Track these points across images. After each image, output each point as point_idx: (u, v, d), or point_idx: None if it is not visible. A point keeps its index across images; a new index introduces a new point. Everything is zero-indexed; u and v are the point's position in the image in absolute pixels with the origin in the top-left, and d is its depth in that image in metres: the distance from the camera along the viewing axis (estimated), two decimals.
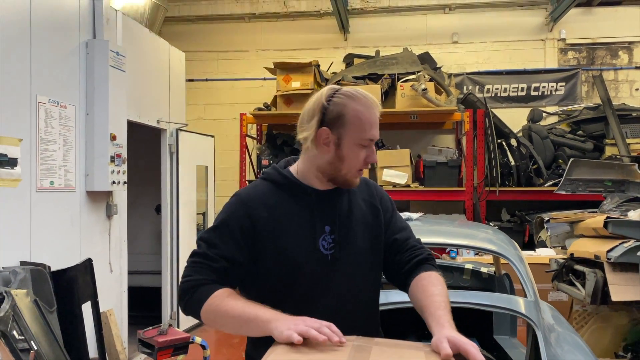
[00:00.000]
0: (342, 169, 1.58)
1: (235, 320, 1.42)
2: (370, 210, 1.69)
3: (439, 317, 1.37)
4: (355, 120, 1.54)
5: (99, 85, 4.06)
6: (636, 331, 4.39)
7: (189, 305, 1.52)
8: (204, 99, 7.99)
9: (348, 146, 1.56)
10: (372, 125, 1.55)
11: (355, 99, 1.56)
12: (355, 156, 1.56)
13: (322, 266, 1.58)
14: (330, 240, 1.60)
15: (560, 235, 4.98)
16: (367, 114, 1.55)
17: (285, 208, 1.61)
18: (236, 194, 1.67)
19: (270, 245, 1.57)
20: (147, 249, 6.19)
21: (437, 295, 1.46)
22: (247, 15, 8.00)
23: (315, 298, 1.57)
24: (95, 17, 4.17)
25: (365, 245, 1.64)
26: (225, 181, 7.34)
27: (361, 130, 1.54)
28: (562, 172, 6.56)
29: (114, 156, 4.15)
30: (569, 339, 2.78)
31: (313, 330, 1.27)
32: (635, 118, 7.04)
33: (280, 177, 1.67)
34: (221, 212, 1.64)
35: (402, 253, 1.67)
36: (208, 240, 1.58)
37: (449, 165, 6.61)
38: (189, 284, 1.52)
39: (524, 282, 2.84)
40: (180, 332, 4.41)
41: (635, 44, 7.46)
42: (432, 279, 1.55)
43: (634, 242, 3.79)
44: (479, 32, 7.64)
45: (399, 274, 1.67)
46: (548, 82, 7.53)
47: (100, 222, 4.23)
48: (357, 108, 1.55)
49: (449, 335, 1.26)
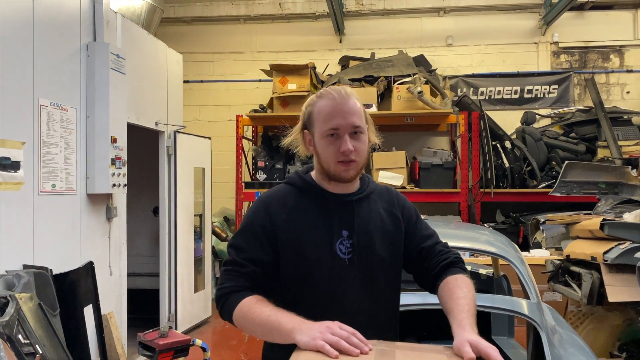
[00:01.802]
0: (323, 164, 1.62)
1: (261, 327, 1.46)
2: (390, 219, 1.72)
3: (461, 320, 1.40)
4: (319, 115, 1.60)
5: (99, 87, 4.05)
6: (630, 331, 4.46)
7: (223, 313, 1.59)
8: (199, 100, 7.99)
9: (318, 141, 1.62)
10: (333, 115, 1.57)
11: (323, 96, 1.63)
12: (325, 149, 1.59)
13: (339, 270, 1.61)
14: (348, 245, 1.63)
15: (556, 237, 5.04)
16: (329, 106, 1.59)
17: (304, 211, 1.65)
18: (258, 198, 1.73)
19: (287, 247, 1.62)
20: (144, 251, 6.18)
21: (462, 298, 1.49)
22: (242, 16, 8.00)
23: (333, 301, 1.60)
24: (96, 19, 4.17)
25: (384, 251, 1.67)
26: (220, 182, 7.35)
27: (323, 122, 1.59)
28: (556, 174, 6.66)
29: (115, 159, 4.15)
30: (570, 339, 2.83)
31: (343, 342, 1.29)
32: (626, 121, 7.15)
33: (301, 181, 1.72)
34: (245, 216, 1.71)
35: (430, 259, 1.70)
36: (235, 245, 1.64)
37: (444, 167, 6.66)
38: (222, 291, 1.59)
39: (526, 283, 2.89)
40: (181, 335, 4.41)
41: (626, 47, 7.57)
42: (458, 281, 1.58)
43: (630, 244, 3.85)
44: (473, 35, 7.71)
45: (428, 278, 1.70)
46: (541, 85, 7.62)
47: (100, 225, 4.22)
48: (321, 103, 1.61)
49: (470, 339, 1.29)
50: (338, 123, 1.57)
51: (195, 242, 5.99)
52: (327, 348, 1.28)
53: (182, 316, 5.55)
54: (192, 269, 5.85)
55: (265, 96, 7.64)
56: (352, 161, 1.59)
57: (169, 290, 5.44)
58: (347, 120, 1.57)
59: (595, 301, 4.19)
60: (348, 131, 1.57)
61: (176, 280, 5.46)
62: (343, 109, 1.58)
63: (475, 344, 1.27)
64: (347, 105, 1.59)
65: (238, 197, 6.83)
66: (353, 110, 1.59)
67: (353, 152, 1.58)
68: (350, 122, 1.57)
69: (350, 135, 1.58)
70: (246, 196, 6.79)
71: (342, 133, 1.57)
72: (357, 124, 1.58)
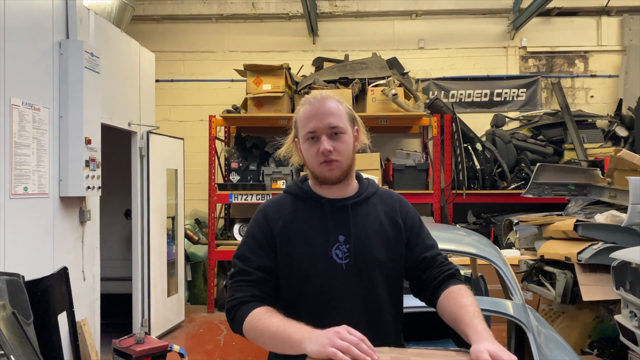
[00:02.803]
0: (309, 167, 1.67)
1: (270, 339, 1.46)
2: (390, 224, 1.72)
3: (475, 326, 1.40)
4: (300, 120, 1.66)
5: (73, 87, 3.92)
6: (601, 328, 4.61)
7: (233, 324, 1.59)
8: (170, 100, 7.83)
9: (302, 145, 1.67)
10: (310, 119, 1.61)
11: (304, 102, 1.68)
12: (307, 152, 1.65)
13: (336, 275, 1.62)
14: (345, 250, 1.63)
15: (529, 237, 5.16)
16: (307, 110, 1.64)
17: (300, 218, 1.67)
18: (259, 207, 1.76)
19: (284, 253, 1.63)
20: (115, 254, 6.01)
21: (470, 306, 1.51)
22: (214, 15, 7.89)
23: (330, 306, 1.61)
24: (69, 16, 4.03)
25: (382, 256, 1.67)
26: (191, 184, 7.23)
27: (303, 127, 1.64)
28: (525, 175, 6.82)
29: (89, 160, 4.02)
30: (552, 338, 2.89)
31: (353, 348, 1.28)
32: (591, 124, 7.39)
33: (297, 189, 1.74)
34: (248, 226, 1.74)
35: (431, 270, 1.71)
36: (240, 255, 1.66)
37: (417, 169, 6.74)
38: (231, 303, 1.59)
39: (510, 284, 2.93)
40: (158, 341, 4.31)
41: (590, 53, 7.83)
42: (462, 291, 1.61)
43: (602, 244, 3.98)
44: (444, 39, 7.82)
45: (427, 288, 1.71)
46: (510, 89, 7.79)
47: (73, 229, 4.08)
48: (302, 109, 1.67)
49: (489, 348, 1.30)
50: (314, 125, 1.61)
51: (168, 245, 5.87)
52: (339, 356, 1.27)
53: (156, 321, 5.43)
54: (165, 272, 5.73)
55: (238, 96, 7.56)
56: (335, 161, 1.61)
57: (142, 295, 5.31)
58: (324, 122, 1.60)
59: (568, 300, 4.31)
60: (325, 132, 1.60)
61: (149, 284, 5.34)
62: (319, 111, 1.62)
63: (494, 354, 1.28)
64: (323, 107, 1.62)
65: (211, 199, 6.73)
66: (329, 112, 1.62)
67: (333, 152, 1.60)
68: (326, 123, 1.60)
69: (329, 136, 1.61)
70: (219, 198, 6.69)
71: (320, 134, 1.61)
72: (334, 124, 1.61)
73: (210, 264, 6.72)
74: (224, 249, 6.79)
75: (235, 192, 6.63)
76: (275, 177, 6.67)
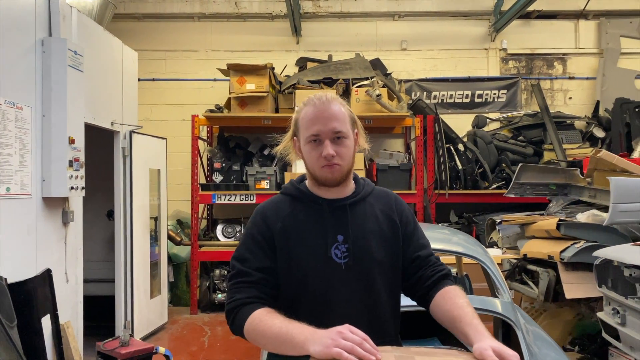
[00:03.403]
0: (309, 168, 1.67)
1: (272, 340, 1.46)
2: (387, 222, 1.73)
3: (476, 326, 1.42)
4: (302, 121, 1.65)
5: (56, 85, 3.85)
6: (581, 325, 4.70)
7: (233, 326, 1.58)
8: (151, 99, 7.74)
9: (303, 146, 1.66)
10: (314, 122, 1.61)
11: (307, 103, 1.67)
12: (308, 154, 1.64)
13: (335, 275, 1.62)
14: (344, 249, 1.64)
15: (511, 237, 5.23)
16: (309, 113, 1.63)
17: (299, 218, 1.67)
18: (256, 209, 1.75)
19: (283, 254, 1.63)
20: (97, 256, 5.92)
21: (467, 306, 1.53)
22: (196, 14, 7.83)
23: (330, 306, 1.61)
24: (52, 13, 3.95)
25: (381, 254, 1.68)
26: (173, 184, 7.15)
27: (306, 129, 1.63)
28: (506, 175, 6.93)
29: (72, 160, 3.96)
30: (539, 336, 2.94)
31: (357, 347, 1.29)
32: (569, 125, 7.54)
33: (294, 190, 1.74)
34: (245, 227, 1.73)
35: (424, 269, 1.72)
36: (239, 257, 1.65)
37: (401, 169, 6.79)
38: (231, 305, 1.58)
39: (498, 283, 2.98)
40: (143, 343, 4.27)
41: (568, 55, 7.98)
42: (457, 292, 1.63)
43: (584, 243, 4.06)
44: (426, 40, 7.89)
45: (420, 288, 1.72)
46: (491, 90, 7.90)
47: (56, 230, 4.01)
48: (305, 110, 1.66)
49: (493, 345, 1.32)
50: (319, 129, 1.60)
51: (151, 246, 5.80)
52: (344, 355, 1.27)
53: (139, 323, 5.37)
54: (148, 274, 5.67)
55: (220, 96, 7.52)
56: (336, 165, 1.61)
57: (125, 297, 5.24)
58: (328, 126, 1.60)
59: (551, 298, 4.39)
60: (329, 137, 1.60)
61: (132, 286, 5.27)
62: (324, 114, 1.61)
63: (498, 351, 1.30)
64: (328, 111, 1.62)
65: (194, 199, 6.67)
66: (334, 116, 1.62)
67: (335, 156, 1.60)
68: (330, 127, 1.60)
69: (333, 140, 1.61)
70: (202, 198, 6.64)
71: (323, 138, 1.60)
72: (339, 129, 1.61)
73: (193, 265, 6.66)
74: (207, 249, 6.74)
75: (218, 193, 6.59)
76: (259, 177, 6.65)
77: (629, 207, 3.84)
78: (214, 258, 6.75)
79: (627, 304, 3.17)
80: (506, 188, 6.25)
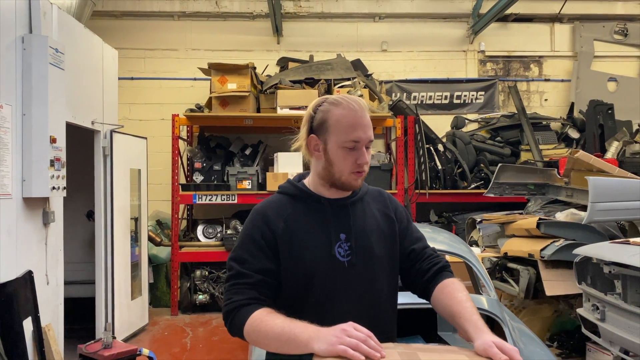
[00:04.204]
0: (335, 172, 1.64)
1: (275, 340, 1.45)
2: (384, 220, 1.75)
3: (475, 322, 1.46)
4: (337, 124, 1.61)
5: (37, 84, 3.77)
6: (559, 322, 4.82)
7: (232, 328, 1.56)
8: (130, 98, 7.62)
9: (334, 150, 1.62)
10: (355, 127, 1.60)
11: (338, 104, 1.64)
12: (342, 159, 1.62)
13: (339, 273, 1.63)
14: (346, 248, 1.65)
15: (492, 235, 5.34)
16: (348, 117, 1.61)
17: (301, 218, 1.67)
18: (254, 209, 1.73)
19: (287, 254, 1.62)
20: (76, 257, 5.82)
21: (466, 301, 1.56)
22: (176, 13, 7.75)
23: (334, 303, 1.62)
24: (32, 10, 3.88)
25: (381, 251, 1.70)
26: (153, 184, 7.06)
27: (343, 133, 1.60)
28: (484, 175, 7.04)
29: (54, 160, 3.89)
30: (524, 332, 3.01)
31: (362, 344, 1.30)
32: (545, 126, 7.71)
33: (294, 189, 1.73)
34: (243, 228, 1.70)
35: (420, 262, 1.75)
36: (237, 258, 1.63)
37: (382, 169, 6.85)
38: (230, 306, 1.56)
39: (484, 280, 3.03)
40: (126, 345, 4.22)
41: (544, 58, 8.16)
42: (455, 285, 1.65)
43: (563, 241, 4.17)
44: (406, 42, 7.97)
45: (419, 282, 1.74)
46: (469, 91, 8.03)
47: (37, 231, 3.93)
48: (338, 112, 1.62)
49: (495, 341, 1.35)
50: (359, 136, 1.60)
51: (131, 247, 5.73)
52: (350, 353, 1.28)
53: (120, 325, 5.29)
54: (129, 275, 5.59)
55: (200, 95, 7.46)
56: (364, 172, 1.64)
57: (106, 298, 5.16)
58: (367, 134, 1.61)
59: (531, 295, 4.49)
60: (366, 144, 1.62)
61: (113, 288, 5.20)
62: (363, 121, 1.61)
63: (500, 346, 1.33)
64: (366, 118, 1.63)
65: (174, 199, 6.60)
66: (369, 124, 1.64)
67: (367, 163, 1.64)
68: (368, 135, 1.62)
69: (366, 147, 1.63)
70: (183, 199, 6.58)
71: (361, 146, 1.61)
72: (372, 138, 1.63)
73: (174, 266, 6.60)
74: (188, 250, 6.69)
75: (199, 193, 6.54)
76: (240, 177, 6.62)
77: (606, 206, 3.96)
78: (194, 259, 6.69)
79: (607, 300, 3.27)
80: (484, 188, 6.36)
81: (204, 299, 6.60)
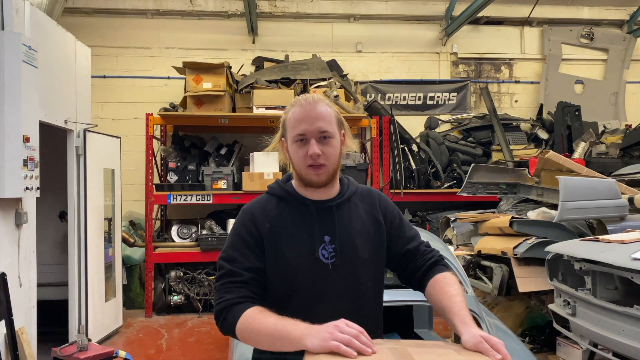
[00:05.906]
0: (295, 168, 1.69)
1: (267, 338, 1.46)
2: (371, 222, 1.77)
3: (463, 317, 1.50)
4: (289, 121, 1.67)
5: (9, 82, 3.69)
6: (531, 317, 4.95)
7: (224, 326, 1.57)
8: (102, 97, 7.50)
9: (290, 146, 1.68)
10: (301, 121, 1.63)
11: (295, 104, 1.69)
12: (295, 153, 1.66)
13: (323, 275, 1.65)
14: (330, 250, 1.67)
15: (465, 234, 5.44)
16: (296, 113, 1.66)
17: (286, 219, 1.69)
18: (242, 209, 1.75)
19: (272, 254, 1.65)
20: (48, 259, 5.69)
21: (456, 295, 1.60)
22: (150, 11, 7.66)
23: (317, 305, 1.64)
24: (4, 6, 3.79)
25: (366, 253, 1.72)
26: (126, 184, 6.96)
27: (292, 128, 1.66)
28: (457, 175, 7.18)
29: (27, 160, 3.81)
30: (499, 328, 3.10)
31: (355, 340, 1.33)
32: (515, 127, 7.89)
33: (281, 191, 1.76)
34: (232, 228, 1.72)
35: (414, 261, 1.79)
36: (227, 257, 1.64)
37: (358, 169, 6.89)
38: (221, 305, 1.57)
39: (461, 277, 3.10)
40: (102, 347, 4.18)
41: (514, 60, 8.36)
42: (447, 279, 1.69)
43: (535, 239, 4.29)
44: (380, 43, 8.05)
45: (414, 278, 1.79)
46: (442, 92, 8.16)
47: (9, 232, 3.84)
48: (292, 111, 1.68)
49: (482, 334, 1.40)
50: (305, 128, 1.63)
51: (105, 247, 5.64)
52: (343, 348, 1.31)
53: (94, 327, 5.21)
54: (103, 276, 5.50)
55: (174, 94, 7.40)
56: (322, 165, 1.64)
57: (79, 300, 5.07)
58: (314, 126, 1.62)
59: (504, 292, 4.60)
60: (315, 136, 1.63)
61: (87, 289, 5.11)
62: (310, 114, 1.63)
63: (487, 339, 1.38)
64: (314, 110, 1.64)
65: (148, 199, 6.52)
66: (320, 116, 1.64)
67: (321, 156, 1.62)
68: (316, 127, 1.62)
69: (319, 140, 1.63)
70: (157, 199, 6.51)
71: (309, 138, 1.63)
72: (324, 128, 1.63)
73: (148, 266, 6.52)
74: (162, 251, 6.61)
75: (173, 193, 6.48)
76: (215, 177, 6.59)
77: (576, 204, 4.09)
78: (169, 260, 6.62)
79: (577, 295, 3.38)
80: (457, 187, 6.49)
81: (179, 300, 6.54)
